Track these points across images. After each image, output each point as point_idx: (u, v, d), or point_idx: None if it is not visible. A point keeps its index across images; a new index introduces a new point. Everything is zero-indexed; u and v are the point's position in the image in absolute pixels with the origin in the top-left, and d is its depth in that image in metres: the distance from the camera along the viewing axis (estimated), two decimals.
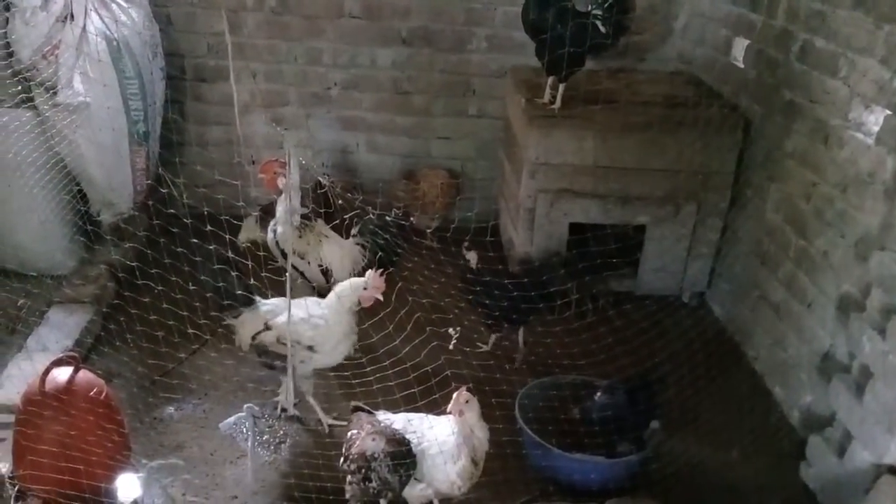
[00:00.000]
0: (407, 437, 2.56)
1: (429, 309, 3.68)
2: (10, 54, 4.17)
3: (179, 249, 3.20)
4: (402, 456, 2.46)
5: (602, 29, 4.07)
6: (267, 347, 3.23)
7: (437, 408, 2.87)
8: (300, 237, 3.74)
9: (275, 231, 3.76)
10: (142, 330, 3.52)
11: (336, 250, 3.82)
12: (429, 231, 4.96)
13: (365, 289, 3.19)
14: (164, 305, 3.42)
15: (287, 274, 3.16)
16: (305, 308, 3.17)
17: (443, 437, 2.56)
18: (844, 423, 3.06)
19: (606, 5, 4.04)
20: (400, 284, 3.48)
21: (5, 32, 4.14)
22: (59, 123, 4.17)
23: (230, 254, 3.15)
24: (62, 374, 2.73)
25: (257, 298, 3.32)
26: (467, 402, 2.54)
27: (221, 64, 5.05)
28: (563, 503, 3.05)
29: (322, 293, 3.84)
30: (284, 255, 3.72)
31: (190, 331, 3.41)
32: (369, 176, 5.19)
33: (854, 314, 3.13)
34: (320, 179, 4.36)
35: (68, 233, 4.38)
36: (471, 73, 5.12)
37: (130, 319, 3.73)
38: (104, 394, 2.77)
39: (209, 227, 2.97)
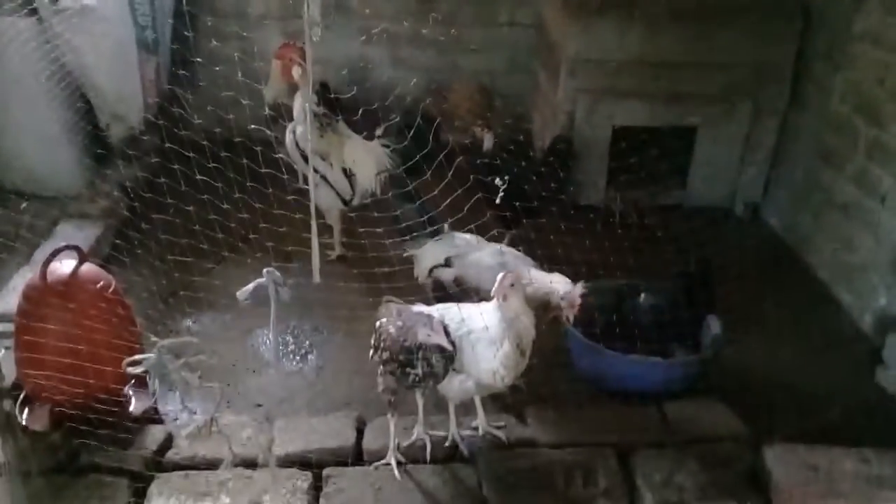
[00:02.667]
0: (445, 324, 2.28)
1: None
2: None
3: (199, 177, 2.96)
4: (449, 341, 2.19)
5: None
6: (443, 284, 2.95)
7: None
8: (321, 137, 3.43)
9: (294, 132, 3.46)
10: (156, 245, 3.29)
11: (360, 151, 3.53)
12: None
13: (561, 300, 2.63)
14: (179, 222, 3.19)
15: (310, 177, 2.89)
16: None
17: (483, 324, 2.27)
18: None
19: None
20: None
21: None
22: (63, 30, 3.90)
23: None
24: (65, 265, 2.46)
25: (445, 230, 3.03)
26: (512, 285, 2.25)
27: None
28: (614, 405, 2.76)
29: (346, 200, 3.57)
30: (305, 158, 3.43)
31: (207, 248, 3.17)
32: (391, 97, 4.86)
33: None
34: (326, 82, 4.03)
35: (76, 151, 4.12)
36: None
37: (143, 236, 3.51)
38: (112, 287, 2.51)
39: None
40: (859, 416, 2.76)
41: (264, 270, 2.89)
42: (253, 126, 4.18)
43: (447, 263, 2.94)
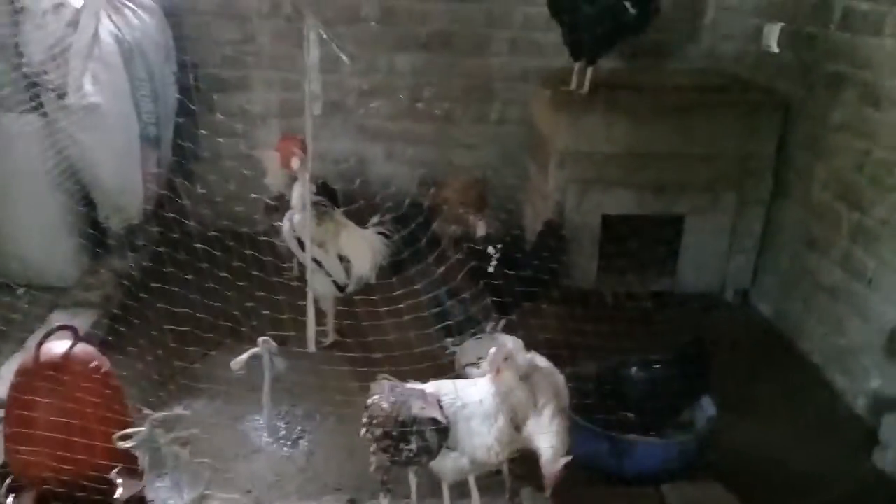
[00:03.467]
0: (439, 398, 2.27)
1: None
2: (21, 58, 4.07)
3: (204, 265, 3.04)
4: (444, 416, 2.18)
5: (631, 10, 3.90)
6: None
7: None
8: (318, 225, 3.51)
9: (291, 220, 3.54)
10: (151, 333, 3.32)
11: (356, 240, 3.59)
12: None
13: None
14: (175, 310, 3.25)
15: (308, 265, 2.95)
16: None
17: (478, 398, 2.27)
18: None
19: None
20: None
21: (16, 36, 4.04)
22: (69, 126, 4.04)
23: None
24: (59, 346, 2.47)
25: (487, 330, 3.09)
26: (506, 359, 2.26)
27: (235, 74, 4.94)
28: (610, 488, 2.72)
29: (341, 286, 3.61)
30: (302, 246, 3.50)
31: (203, 335, 3.22)
32: (387, 189, 4.99)
33: None
34: (325, 181, 4.15)
35: (74, 242, 4.19)
36: (492, 78, 4.97)
37: (138, 324, 3.55)
38: (105, 368, 2.51)
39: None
40: (858, 496, 2.73)
41: (259, 339, 2.90)
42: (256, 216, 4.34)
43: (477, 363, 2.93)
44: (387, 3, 4.81)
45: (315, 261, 3.52)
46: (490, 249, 3.43)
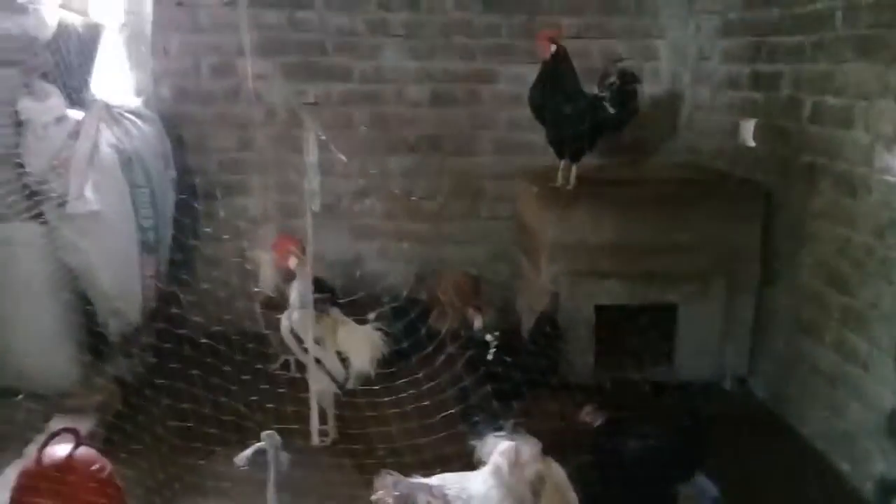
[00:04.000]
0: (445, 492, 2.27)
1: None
2: (22, 168, 4.18)
3: (206, 362, 3.05)
4: None
5: (611, 109, 4.10)
6: None
7: None
8: (317, 322, 3.55)
9: (290, 318, 3.58)
10: (151, 438, 3.30)
11: (354, 336, 3.63)
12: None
13: None
14: (175, 412, 3.25)
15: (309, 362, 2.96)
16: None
17: (483, 489, 2.26)
18: None
19: (613, 87, 4.10)
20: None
21: (17, 147, 4.15)
22: (69, 233, 4.10)
23: None
24: (61, 449, 2.46)
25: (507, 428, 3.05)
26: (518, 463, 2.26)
27: (232, 180, 5.08)
28: None
29: (340, 384, 3.62)
30: (300, 343, 3.53)
31: (206, 432, 3.20)
32: (382, 285, 5.07)
33: None
34: (320, 279, 4.23)
35: (72, 348, 4.18)
36: (480, 176, 5.15)
37: (136, 429, 3.52)
38: (107, 471, 2.49)
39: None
40: None
41: (263, 434, 2.88)
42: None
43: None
44: (376, 109, 5.02)
45: (314, 358, 3.55)
46: (488, 337, 3.48)
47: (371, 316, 3.76)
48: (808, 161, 3.78)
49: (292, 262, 3.52)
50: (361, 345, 3.62)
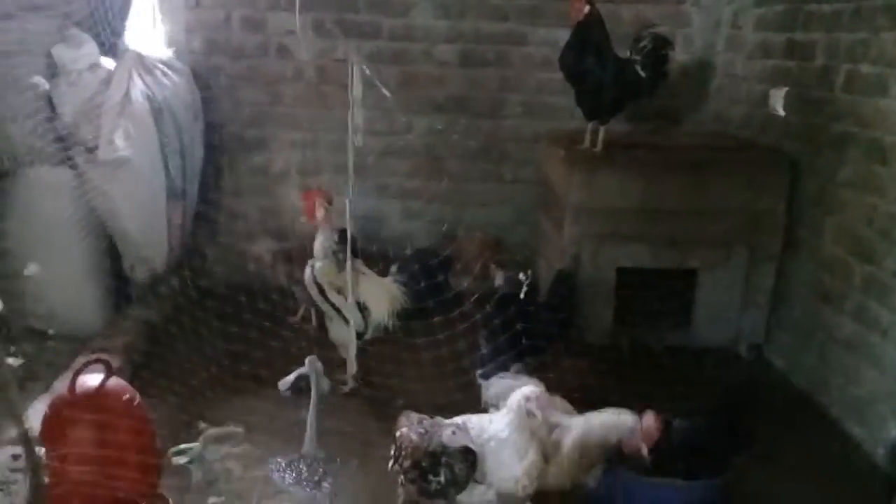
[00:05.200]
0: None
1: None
2: (54, 113, 4.23)
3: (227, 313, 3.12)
4: (472, 448, 2.22)
5: (642, 74, 4.09)
6: None
7: None
8: (339, 272, 3.60)
9: (313, 266, 3.63)
10: (173, 381, 3.38)
11: (374, 287, 3.68)
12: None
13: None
14: (198, 357, 3.33)
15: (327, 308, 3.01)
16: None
17: (506, 432, 2.31)
18: None
19: (645, 51, 4.08)
20: None
21: (49, 93, 4.21)
22: (98, 179, 4.16)
23: None
24: (93, 379, 2.52)
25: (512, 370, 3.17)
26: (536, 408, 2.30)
27: (260, 134, 5.12)
28: None
29: (359, 331, 3.67)
30: (321, 291, 3.58)
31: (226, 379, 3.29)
32: (408, 244, 5.10)
33: None
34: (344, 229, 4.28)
35: (99, 292, 4.28)
36: (505, 139, 5.15)
37: (161, 370, 3.60)
38: (137, 401, 2.56)
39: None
40: None
41: (306, 359, 2.95)
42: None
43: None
44: (405, 68, 5.02)
45: (334, 307, 3.61)
46: (521, 276, 3.50)
47: (393, 269, 3.79)
48: (839, 130, 3.75)
49: (320, 213, 3.56)
50: (381, 296, 3.67)
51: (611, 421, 2.58)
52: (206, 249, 5.07)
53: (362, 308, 3.65)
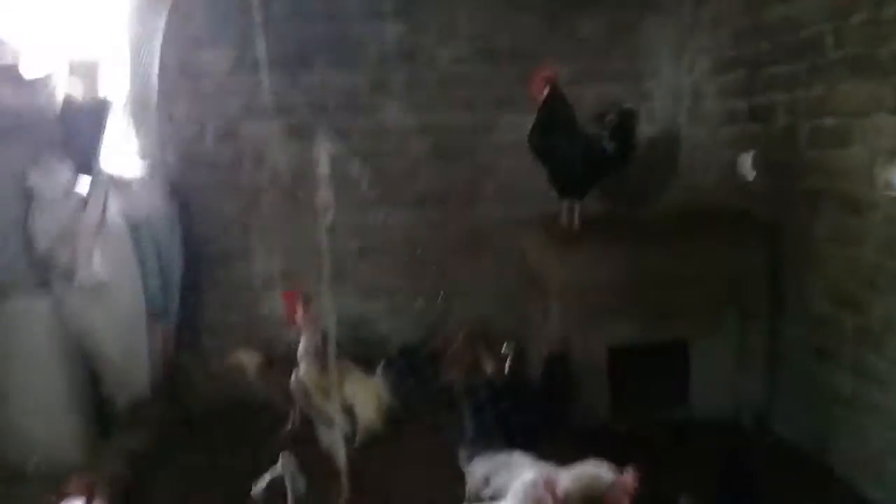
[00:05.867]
0: None
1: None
2: (30, 242, 4.21)
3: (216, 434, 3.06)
4: None
5: (609, 147, 4.14)
6: None
7: None
8: (322, 374, 3.53)
9: (297, 372, 3.55)
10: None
11: (360, 386, 3.59)
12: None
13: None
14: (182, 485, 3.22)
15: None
16: None
17: None
18: None
19: (612, 125, 4.15)
20: None
21: (25, 222, 4.20)
22: (76, 305, 4.11)
23: None
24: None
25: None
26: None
27: (238, 246, 5.11)
28: None
29: (348, 437, 3.56)
30: (307, 395, 3.49)
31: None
32: (395, 342, 5.03)
33: None
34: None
35: (81, 421, 4.15)
36: (484, 227, 5.15)
37: (147, 500, 3.47)
38: None
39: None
40: None
41: (281, 454, 2.84)
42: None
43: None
44: (379, 166, 5.08)
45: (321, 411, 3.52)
46: (504, 349, 3.42)
47: (379, 368, 3.72)
48: (809, 186, 3.77)
49: (300, 315, 3.51)
50: (368, 396, 3.58)
51: (594, 472, 2.47)
52: (191, 368, 4.96)
53: (349, 412, 3.55)
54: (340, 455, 3.58)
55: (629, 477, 2.42)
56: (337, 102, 5.04)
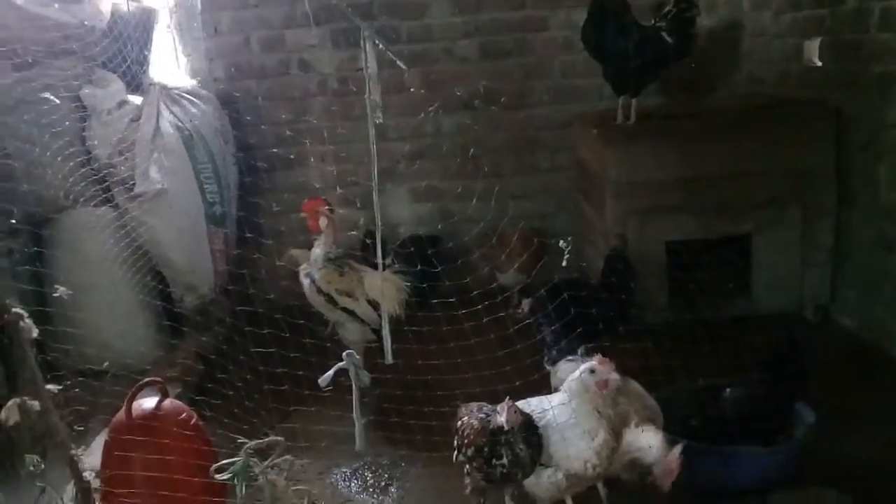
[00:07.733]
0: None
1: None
2: (89, 155, 4.29)
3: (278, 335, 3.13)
4: (533, 428, 2.15)
5: (668, 40, 3.98)
6: None
7: None
8: (342, 276, 3.64)
9: (312, 277, 3.61)
10: (229, 404, 3.36)
11: (378, 281, 3.62)
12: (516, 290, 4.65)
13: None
14: (252, 379, 3.31)
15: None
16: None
17: (569, 412, 2.22)
18: None
19: (670, 15, 3.98)
20: None
21: (84, 134, 4.27)
22: (138, 214, 4.20)
23: None
24: (149, 401, 2.52)
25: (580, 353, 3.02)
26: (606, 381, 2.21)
27: (291, 151, 5.11)
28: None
29: (376, 330, 3.63)
30: (330, 300, 3.60)
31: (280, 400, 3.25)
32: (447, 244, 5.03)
33: None
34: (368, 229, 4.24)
35: (153, 324, 4.30)
36: (537, 128, 5.07)
37: (217, 394, 3.59)
38: (194, 420, 2.54)
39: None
40: None
41: (344, 354, 2.93)
42: None
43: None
44: (427, 68, 4.98)
45: (347, 311, 3.63)
46: (561, 243, 3.42)
47: (387, 261, 3.75)
48: (880, 71, 3.60)
49: (322, 223, 3.55)
50: (388, 288, 3.62)
51: (644, 445, 2.38)
52: (251, 271, 5.06)
53: (374, 305, 3.61)
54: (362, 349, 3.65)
55: (674, 458, 2.33)
56: (381, 4, 4.92)
